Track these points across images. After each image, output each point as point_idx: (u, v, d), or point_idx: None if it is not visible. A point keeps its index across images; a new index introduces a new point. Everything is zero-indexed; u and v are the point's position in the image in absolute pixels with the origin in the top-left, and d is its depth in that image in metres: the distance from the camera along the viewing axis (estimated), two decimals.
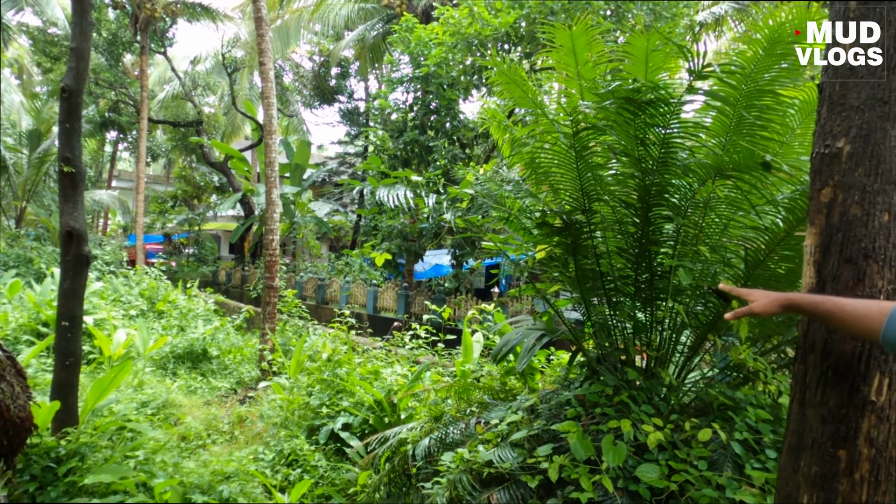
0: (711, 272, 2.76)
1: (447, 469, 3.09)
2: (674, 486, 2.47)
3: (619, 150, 2.61)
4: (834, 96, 1.70)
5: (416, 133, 12.02)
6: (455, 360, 6.01)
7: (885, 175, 1.58)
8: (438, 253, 14.91)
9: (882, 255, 1.57)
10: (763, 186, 2.37)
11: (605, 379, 3.08)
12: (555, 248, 3.24)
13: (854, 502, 1.58)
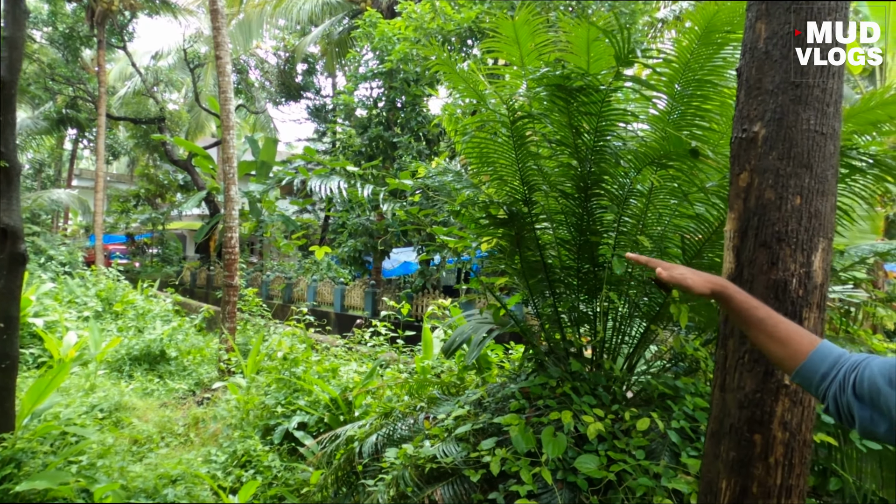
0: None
1: (391, 466, 3.04)
2: (611, 476, 2.47)
3: (554, 140, 2.59)
4: (751, 80, 1.70)
5: (381, 129, 11.92)
6: (416, 356, 5.96)
7: (797, 158, 1.58)
8: (407, 250, 14.83)
9: (794, 239, 1.57)
10: (694, 175, 2.37)
11: (550, 371, 3.06)
12: (500, 241, 3.21)
13: (769, 486, 1.57)
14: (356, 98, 12.99)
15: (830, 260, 1.63)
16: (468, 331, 3.84)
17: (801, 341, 1.14)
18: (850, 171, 2.47)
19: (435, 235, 4.02)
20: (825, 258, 1.59)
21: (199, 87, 21.99)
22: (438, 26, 9.68)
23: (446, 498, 2.86)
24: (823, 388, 1.09)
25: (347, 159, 12.28)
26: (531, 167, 2.75)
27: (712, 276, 1.24)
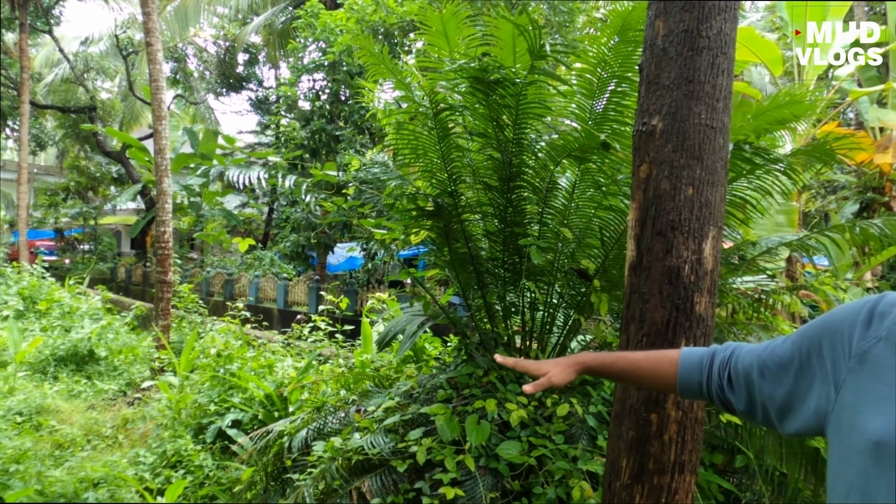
0: (569, 252, 2.84)
1: (319, 459, 3.02)
2: (532, 461, 2.53)
3: (476, 132, 2.62)
4: (650, 76, 1.77)
5: (324, 122, 11.74)
6: (356, 350, 5.93)
7: (689, 151, 1.66)
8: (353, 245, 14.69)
9: (687, 227, 1.65)
10: (611, 168, 2.45)
11: (478, 361, 3.11)
12: (430, 233, 3.23)
13: (664, 462, 1.66)
14: (299, 90, 12.75)
15: (720, 247, 1.72)
16: (402, 323, 3.85)
17: (666, 368, 1.18)
18: (752, 167, 2.61)
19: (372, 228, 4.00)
20: (715, 245, 1.68)
21: (133, 75, 21.03)
22: (381, 19, 9.61)
23: (374, 489, 2.86)
24: (706, 392, 1.14)
25: (290, 152, 12.04)
26: (456, 159, 2.78)
27: (570, 360, 1.24)
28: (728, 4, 1.69)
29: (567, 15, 8.24)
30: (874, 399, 0.86)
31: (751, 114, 3.00)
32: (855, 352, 0.93)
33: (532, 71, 2.17)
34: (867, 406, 0.87)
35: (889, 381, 0.85)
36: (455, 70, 2.26)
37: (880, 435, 0.83)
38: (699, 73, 1.66)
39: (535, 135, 2.49)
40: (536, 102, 2.39)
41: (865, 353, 0.91)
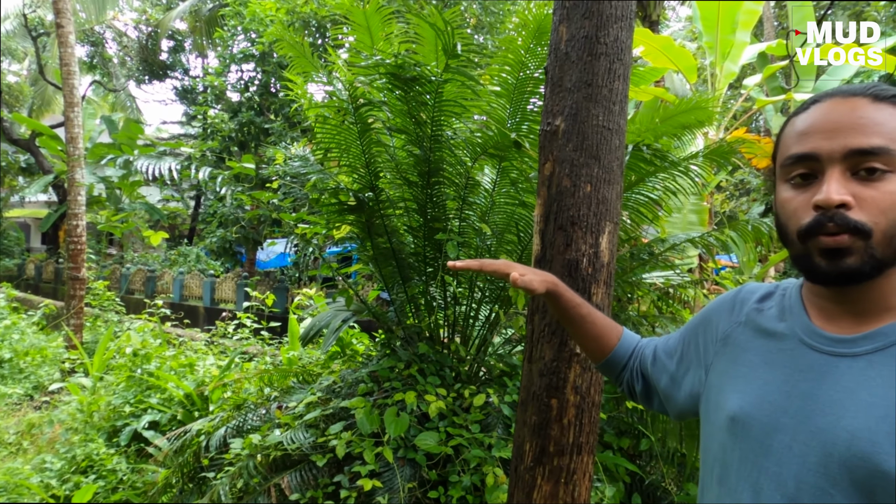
0: (486, 246, 2.92)
1: (236, 457, 2.97)
2: (449, 451, 2.60)
3: (394, 128, 2.65)
4: (555, 78, 1.86)
5: (253, 114, 11.42)
6: (282, 347, 5.83)
7: (588, 150, 1.76)
8: (283, 241, 14.37)
9: (585, 223, 1.75)
10: (524, 165, 2.55)
11: (399, 354, 3.15)
12: (352, 228, 3.24)
13: (563, 444, 1.75)
14: (227, 81, 12.32)
15: (616, 242, 1.83)
16: (326, 318, 3.83)
17: (610, 335, 1.22)
18: (655, 168, 2.78)
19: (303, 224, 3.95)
20: (611, 240, 1.79)
21: (44, 58, 19.62)
22: (312, 10, 9.44)
23: (293, 485, 2.85)
24: (621, 375, 1.21)
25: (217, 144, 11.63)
26: (377, 154, 2.80)
27: (547, 275, 1.21)
28: (624, 13, 1.80)
29: (497, 16, 8.42)
30: (733, 378, 0.95)
31: (659, 118, 3.18)
32: (720, 336, 1.02)
33: (447, 69, 2.22)
34: (726, 385, 0.95)
35: (746, 362, 0.94)
36: (372, 66, 2.28)
37: (735, 410, 0.91)
38: (598, 77, 1.76)
39: (452, 132, 2.55)
40: (453, 101, 2.45)
41: (728, 337, 1.00)
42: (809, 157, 0.81)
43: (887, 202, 0.76)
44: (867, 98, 0.80)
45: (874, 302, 0.82)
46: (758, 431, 0.87)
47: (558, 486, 1.74)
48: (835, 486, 0.76)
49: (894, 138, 0.77)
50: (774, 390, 0.87)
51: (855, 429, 0.75)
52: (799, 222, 0.82)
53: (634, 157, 2.58)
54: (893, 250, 0.78)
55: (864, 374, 0.78)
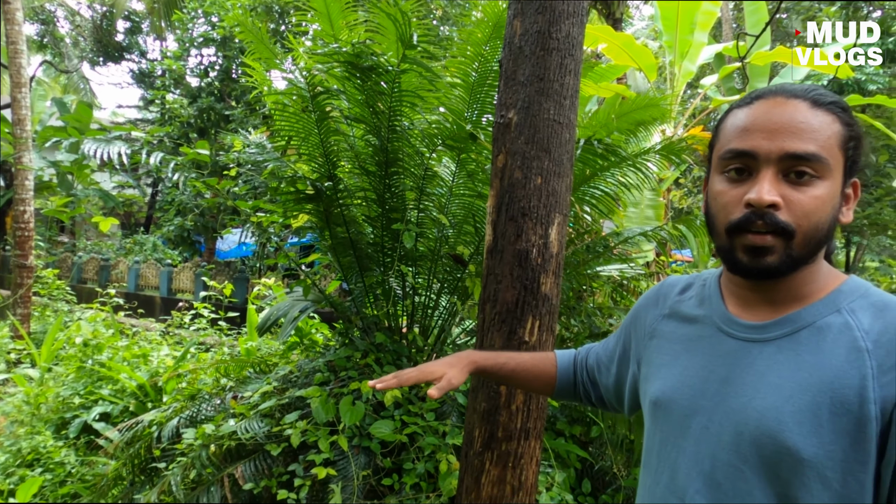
0: (444, 237, 2.95)
1: (189, 447, 2.94)
2: (404, 439, 2.63)
3: (352, 117, 2.65)
4: (508, 72, 1.89)
5: (213, 100, 11.15)
6: (240, 338, 5.75)
7: (539, 143, 1.80)
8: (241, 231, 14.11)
9: (535, 214, 1.79)
10: (481, 157, 2.58)
11: (356, 344, 3.15)
12: (310, 216, 3.22)
13: (511, 429, 1.80)
14: (186, 65, 11.98)
15: (565, 233, 1.88)
16: (284, 308, 3.80)
17: (547, 369, 1.25)
18: (609, 163, 2.85)
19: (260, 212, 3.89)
20: (560, 231, 1.84)
21: None
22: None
23: (247, 475, 2.83)
24: (577, 390, 1.25)
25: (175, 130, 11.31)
26: (335, 143, 2.79)
27: (462, 359, 1.18)
28: (576, 10, 1.84)
29: (463, 7, 8.43)
30: (657, 367, 1.00)
31: (615, 114, 3.26)
32: (647, 331, 1.07)
33: (404, 60, 2.23)
34: (651, 374, 1.01)
35: (668, 351, 0.99)
36: (328, 53, 2.27)
37: (656, 395, 0.97)
38: (549, 71, 1.80)
39: (409, 123, 2.56)
40: (411, 91, 2.46)
41: (654, 330, 1.05)
42: (747, 155, 0.84)
43: (812, 206, 0.81)
44: (807, 102, 0.83)
45: (786, 292, 0.87)
46: (677, 414, 0.92)
47: (506, 470, 1.79)
48: (745, 462, 0.81)
49: (826, 146, 0.81)
50: (693, 375, 0.92)
51: (763, 409, 0.80)
52: (729, 216, 0.85)
53: (587, 152, 2.64)
54: (810, 251, 0.83)
55: (773, 357, 0.84)
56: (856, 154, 0.85)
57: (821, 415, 0.76)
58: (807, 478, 0.75)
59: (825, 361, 0.79)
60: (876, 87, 11.17)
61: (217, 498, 2.81)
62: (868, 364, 0.76)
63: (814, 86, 0.86)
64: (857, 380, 0.76)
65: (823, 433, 0.75)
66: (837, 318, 0.82)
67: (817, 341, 0.81)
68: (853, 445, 0.74)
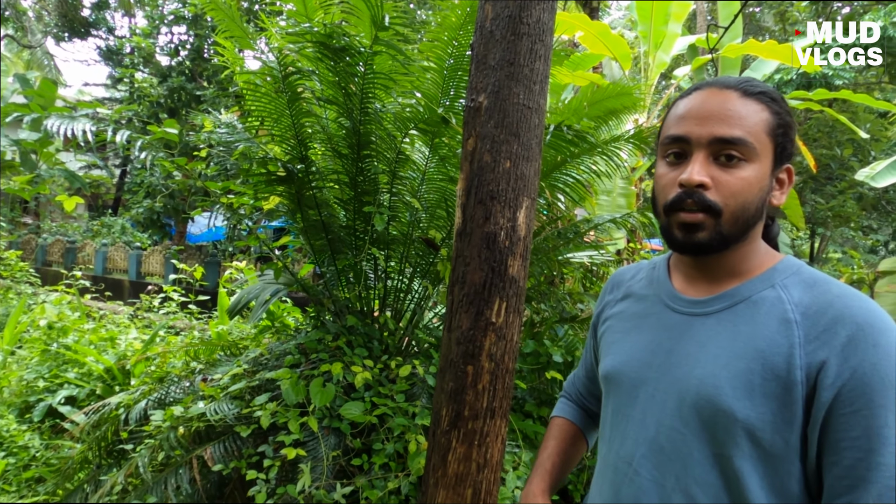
0: (417, 221, 2.96)
1: (157, 429, 2.92)
2: (374, 420, 2.66)
3: (324, 98, 2.63)
4: (479, 56, 1.90)
5: (184, 80, 10.89)
6: (211, 322, 5.70)
7: (508, 127, 1.82)
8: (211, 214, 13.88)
9: (504, 197, 1.82)
10: (454, 141, 2.59)
11: (328, 326, 3.16)
12: (282, 199, 3.20)
13: (477, 409, 1.83)
14: (156, 43, 11.65)
15: (533, 217, 1.91)
16: (255, 290, 3.77)
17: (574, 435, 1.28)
18: (580, 150, 2.89)
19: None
20: (528, 215, 1.87)
21: None
22: None
23: (216, 456, 2.83)
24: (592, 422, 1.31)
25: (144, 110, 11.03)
26: (307, 125, 2.77)
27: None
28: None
29: None
30: (609, 344, 1.07)
31: (587, 101, 3.30)
32: (603, 318, 1.14)
33: (376, 42, 2.22)
34: (604, 351, 1.08)
35: (619, 329, 1.07)
36: (300, 33, 2.25)
37: (607, 370, 1.04)
38: (519, 56, 1.82)
39: (381, 105, 2.56)
40: (384, 74, 2.45)
41: (608, 316, 1.12)
42: (682, 139, 0.91)
43: (738, 187, 0.88)
44: (738, 92, 0.90)
45: (725, 269, 0.94)
46: (627, 386, 0.98)
47: (472, 448, 1.83)
48: (686, 426, 0.87)
49: (752, 132, 0.88)
50: (642, 349, 0.98)
51: (703, 376, 0.87)
52: (666, 197, 0.92)
53: (557, 138, 2.67)
54: (739, 228, 0.90)
55: (713, 329, 0.91)
56: (785, 140, 0.91)
57: (753, 380, 0.83)
58: (739, 437, 0.82)
59: (758, 332, 0.86)
60: (842, 83, 11.46)
61: (186, 480, 2.81)
62: (796, 334, 0.83)
63: (747, 78, 0.94)
64: (786, 348, 0.82)
65: (755, 396, 0.82)
66: (771, 292, 0.89)
67: (752, 314, 0.88)
68: (781, 408, 0.81)
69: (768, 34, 15.29)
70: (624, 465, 0.94)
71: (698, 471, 0.85)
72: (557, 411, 1.33)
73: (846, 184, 13.67)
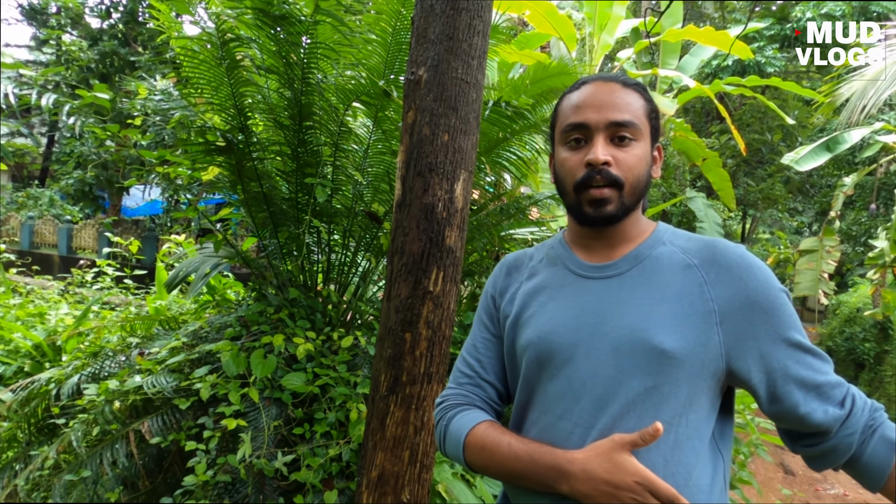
0: (358, 194, 2.98)
1: (90, 403, 2.86)
2: (316, 390, 2.69)
3: (265, 68, 2.59)
4: (420, 29, 1.92)
5: (117, 44, 10.31)
6: (149, 297, 5.53)
7: (447, 101, 1.86)
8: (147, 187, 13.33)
9: (441, 170, 1.87)
10: (393, 115, 2.61)
11: (270, 299, 3.15)
12: (221, 169, 3.14)
13: (415, 374, 1.90)
14: (85, 4, 10.95)
15: (471, 189, 1.97)
16: (195, 263, 3.70)
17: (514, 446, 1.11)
18: (521, 126, 2.96)
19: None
20: (465, 187, 1.93)
21: None
22: None
23: (154, 429, 2.80)
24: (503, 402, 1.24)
25: (73, 75, 10.39)
26: (247, 94, 2.72)
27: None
28: None
29: None
30: (527, 319, 1.13)
31: (529, 80, 3.36)
32: (508, 299, 1.19)
33: (317, 11, 2.20)
34: (522, 326, 1.13)
35: (534, 304, 1.14)
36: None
37: (531, 339, 1.10)
38: (458, 31, 1.86)
39: (323, 76, 2.54)
40: (326, 45, 2.43)
41: (517, 296, 1.17)
42: (582, 126, 1.04)
43: (632, 162, 1.03)
44: (619, 84, 1.06)
45: (620, 236, 1.09)
46: (559, 350, 1.05)
47: (409, 412, 1.90)
48: (621, 371, 0.98)
49: (637, 116, 1.04)
50: (566, 316, 1.07)
51: (633, 322, 0.99)
52: (574, 177, 1.05)
53: (497, 114, 2.73)
54: (636, 198, 1.06)
55: (629, 286, 1.03)
56: (657, 123, 1.08)
57: (676, 317, 0.97)
58: (670, 366, 0.96)
59: (669, 279, 1.01)
60: (773, 70, 12.02)
61: (123, 454, 2.77)
62: (699, 274, 1.01)
63: (620, 73, 1.09)
64: (696, 286, 1.00)
65: (679, 330, 0.97)
66: (665, 248, 1.06)
67: (657, 266, 1.03)
68: (700, 336, 0.97)
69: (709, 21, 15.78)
70: (569, 423, 1.01)
71: (631, 407, 0.97)
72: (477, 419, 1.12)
73: (775, 168, 14.43)
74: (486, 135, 2.97)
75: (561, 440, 1.02)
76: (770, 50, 12.30)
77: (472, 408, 1.17)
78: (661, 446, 0.96)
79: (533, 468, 0.99)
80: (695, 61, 9.12)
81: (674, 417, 0.96)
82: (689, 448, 0.97)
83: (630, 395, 0.97)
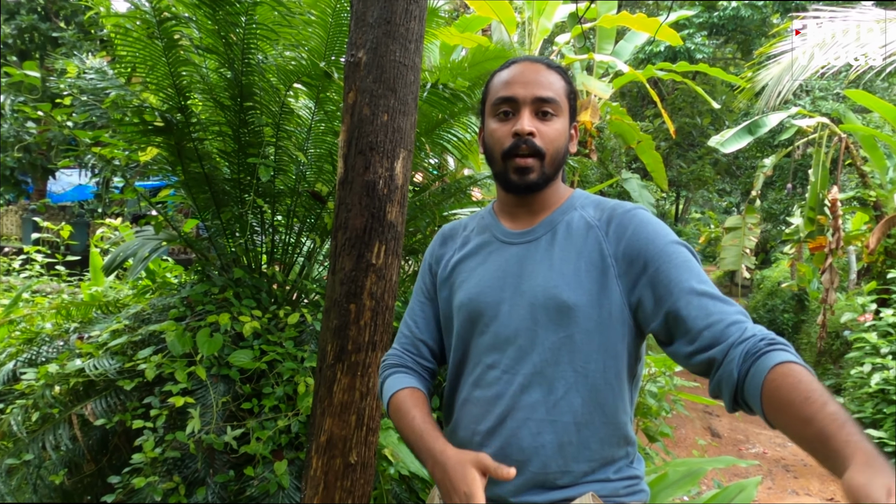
0: (301, 174, 3.03)
1: (29, 387, 2.82)
2: (263, 366, 2.75)
3: (203, 47, 2.60)
4: (359, 13, 2.00)
5: (36, 19, 9.72)
6: (83, 283, 5.36)
7: (386, 83, 1.95)
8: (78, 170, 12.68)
9: (382, 148, 1.97)
10: (335, 96, 2.67)
11: (214, 280, 3.17)
12: (160, 150, 3.11)
13: (360, 343, 2.01)
14: None
15: (410, 167, 2.08)
16: (134, 246, 3.65)
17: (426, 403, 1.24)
18: (461, 108, 3.08)
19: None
20: (405, 165, 2.03)
21: None
22: None
23: (98, 411, 2.79)
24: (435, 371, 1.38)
25: None
26: (185, 73, 2.71)
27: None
28: None
29: None
30: (460, 283, 1.28)
31: (468, 63, 3.48)
32: (444, 266, 1.33)
33: None
34: (456, 289, 1.28)
35: (466, 269, 1.28)
36: None
37: (464, 300, 1.25)
38: (396, 15, 1.95)
39: (263, 57, 2.57)
40: (266, 25, 2.46)
41: (452, 263, 1.31)
42: (511, 100, 1.17)
43: (554, 135, 1.17)
44: (544, 65, 1.21)
45: (541, 204, 1.23)
46: (487, 308, 1.20)
47: (355, 379, 2.01)
48: (537, 324, 1.13)
49: (559, 94, 1.18)
50: (492, 278, 1.22)
51: (545, 282, 1.13)
52: (502, 146, 1.18)
53: (435, 95, 2.84)
54: (555, 169, 1.20)
55: (544, 249, 1.18)
56: (575, 103, 1.23)
57: (580, 274, 1.12)
58: (577, 317, 1.10)
59: (575, 241, 1.15)
60: (702, 57, 12.59)
61: (66, 437, 2.76)
62: (599, 234, 1.14)
63: (544, 57, 1.27)
64: (596, 244, 1.13)
65: (583, 284, 1.11)
66: (576, 213, 1.20)
67: (568, 231, 1.18)
68: (601, 287, 1.11)
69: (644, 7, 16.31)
70: (495, 373, 1.16)
71: (548, 355, 1.11)
72: (403, 383, 1.25)
73: (704, 150, 15.18)
74: (426, 116, 3.07)
75: (491, 386, 1.17)
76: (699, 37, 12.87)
77: (405, 370, 1.31)
78: (581, 389, 1.12)
79: (418, 445, 1.13)
80: (629, 47, 9.46)
81: (588, 363, 1.12)
82: (608, 390, 1.13)
83: (546, 345, 1.12)
